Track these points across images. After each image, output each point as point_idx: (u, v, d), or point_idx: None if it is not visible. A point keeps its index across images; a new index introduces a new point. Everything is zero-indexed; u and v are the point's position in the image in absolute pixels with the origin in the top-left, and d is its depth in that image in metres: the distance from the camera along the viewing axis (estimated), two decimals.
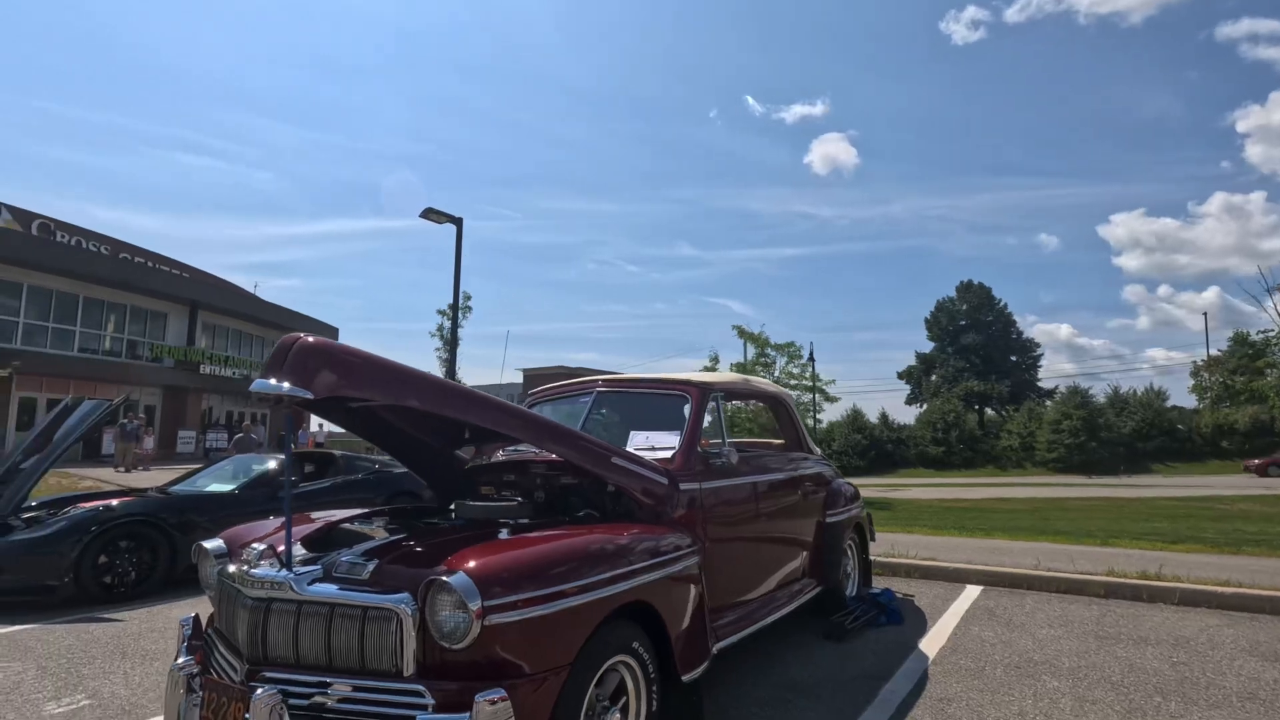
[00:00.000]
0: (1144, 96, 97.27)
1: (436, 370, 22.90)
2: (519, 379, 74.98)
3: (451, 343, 15.15)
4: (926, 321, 59.58)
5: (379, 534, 2.80)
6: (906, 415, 54.07)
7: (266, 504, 7.08)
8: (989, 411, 53.60)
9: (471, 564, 2.21)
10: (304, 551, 2.60)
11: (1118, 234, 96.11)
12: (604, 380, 4.34)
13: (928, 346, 59.38)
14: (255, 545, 2.67)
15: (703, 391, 3.95)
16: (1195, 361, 49.16)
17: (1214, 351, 47.40)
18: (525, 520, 3.11)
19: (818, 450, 5.30)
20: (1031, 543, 9.23)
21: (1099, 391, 49.74)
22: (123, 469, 18.14)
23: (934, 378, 57.11)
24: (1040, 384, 56.39)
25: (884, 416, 50.37)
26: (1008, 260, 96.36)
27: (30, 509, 6.34)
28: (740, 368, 20.28)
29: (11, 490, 6.02)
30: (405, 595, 2.20)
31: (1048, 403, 50.03)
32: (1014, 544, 8.39)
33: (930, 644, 4.51)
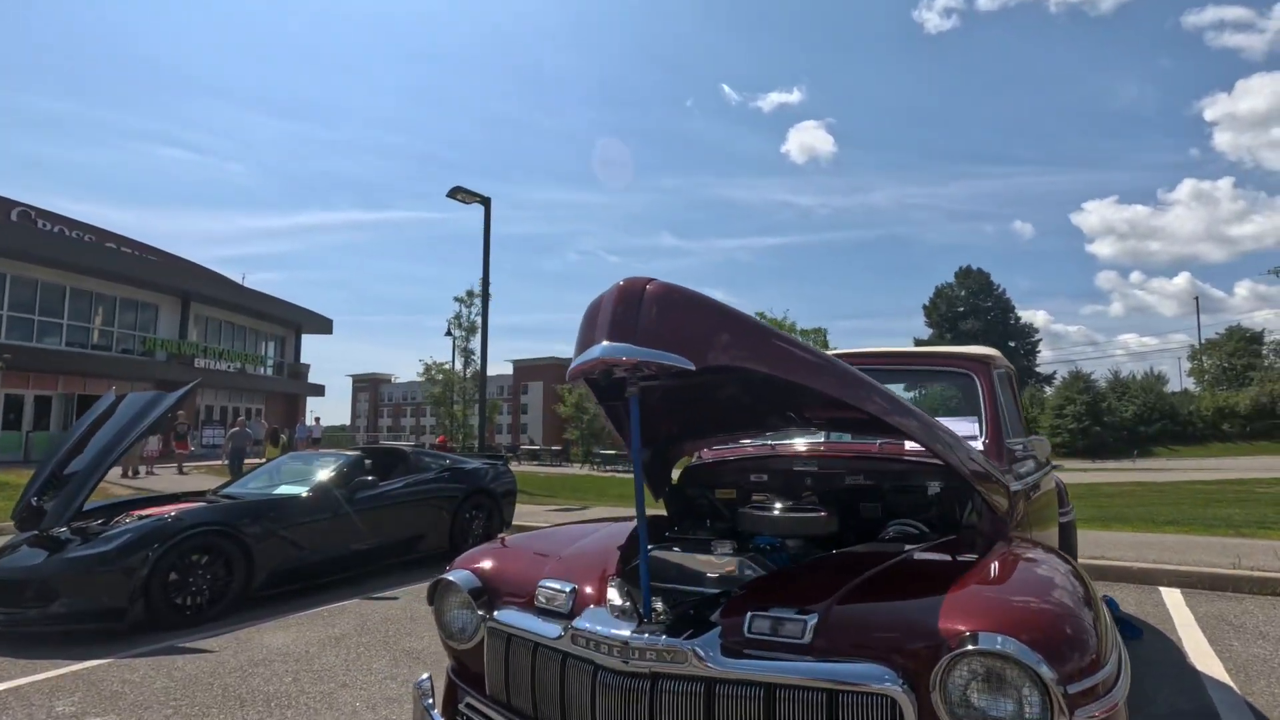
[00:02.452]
0: (1115, 85, 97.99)
1: (457, 361, 21.97)
2: (509, 370, 74.00)
3: (483, 328, 14.27)
4: (925, 308, 59.48)
5: (725, 566, 2.01)
6: None
7: (342, 508, 6.25)
8: None
9: (1018, 622, 1.43)
10: (620, 592, 1.80)
11: (1090, 221, 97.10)
12: (844, 356, 3.56)
13: (925, 333, 59.22)
14: (553, 585, 1.89)
15: (988, 366, 3.21)
16: (1193, 346, 49.48)
17: (1183, 336, 47.68)
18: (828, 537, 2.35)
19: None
20: (1142, 534, 8.63)
21: (1098, 377, 49.75)
22: (131, 474, 16.95)
23: None
24: (1039, 369, 56.52)
25: None
26: (986, 248, 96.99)
27: (75, 520, 5.43)
28: None
29: (62, 501, 5.11)
30: (882, 669, 1.43)
31: (1047, 388, 50.10)
32: (1126, 536, 7.78)
33: (1205, 666, 3.82)
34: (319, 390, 38.58)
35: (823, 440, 3.17)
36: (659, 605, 1.68)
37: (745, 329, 1.75)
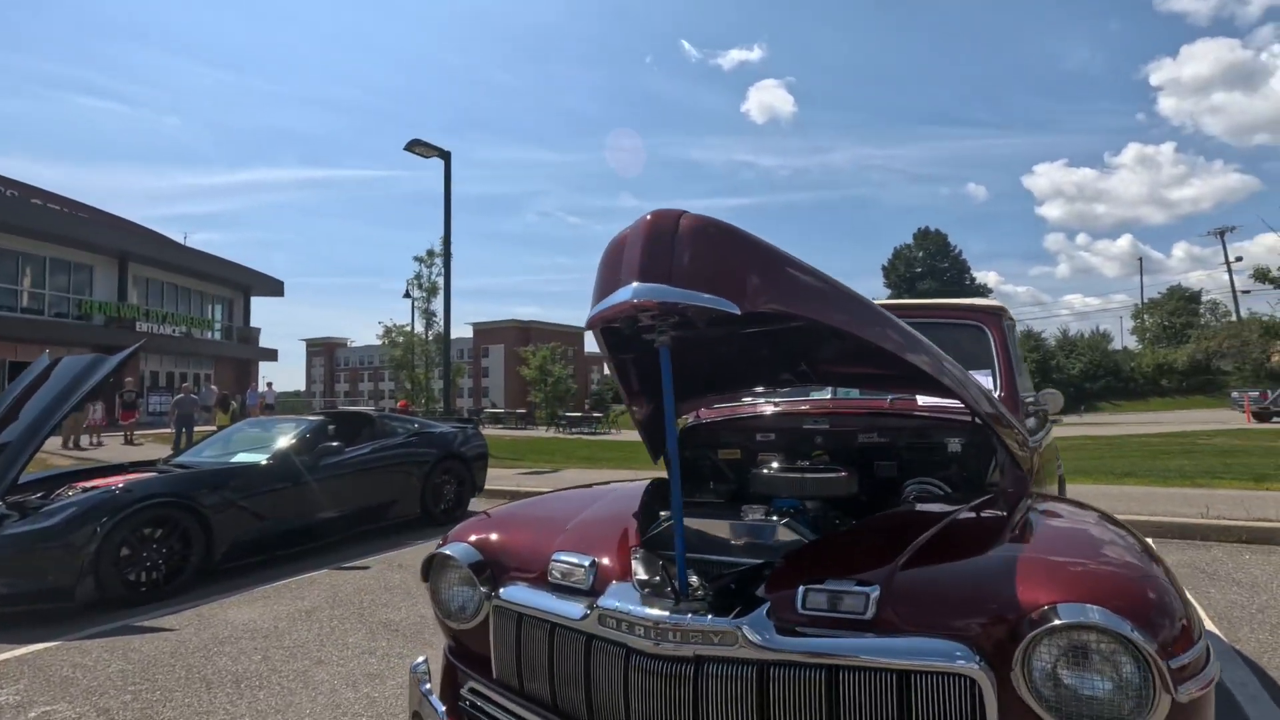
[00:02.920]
0: (1067, 46, 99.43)
1: (418, 324, 21.29)
2: (469, 333, 72.73)
3: (446, 288, 13.76)
4: (884, 269, 60.33)
5: (760, 534, 1.84)
6: None
7: (306, 476, 5.93)
8: None
9: (1108, 591, 1.30)
10: (647, 566, 1.61)
11: (1041, 184, 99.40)
12: None
13: (884, 294, 60.13)
14: (569, 559, 1.69)
15: (999, 318, 3.08)
16: (1136, 305, 51.39)
17: (1124, 296, 49.58)
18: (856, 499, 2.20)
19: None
20: (1104, 485, 8.89)
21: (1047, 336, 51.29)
22: (72, 444, 16.04)
23: None
24: None
25: None
26: (942, 209, 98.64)
27: (10, 494, 5.00)
28: None
29: None
30: (959, 646, 1.28)
31: None
32: (1090, 488, 8.00)
33: None
34: (271, 355, 37.27)
35: (829, 397, 3.02)
36: (694, 580, 1.50)
37: (789, 267, 1.55)
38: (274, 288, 36.49)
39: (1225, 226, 47.82)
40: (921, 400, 2.82)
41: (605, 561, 1.65)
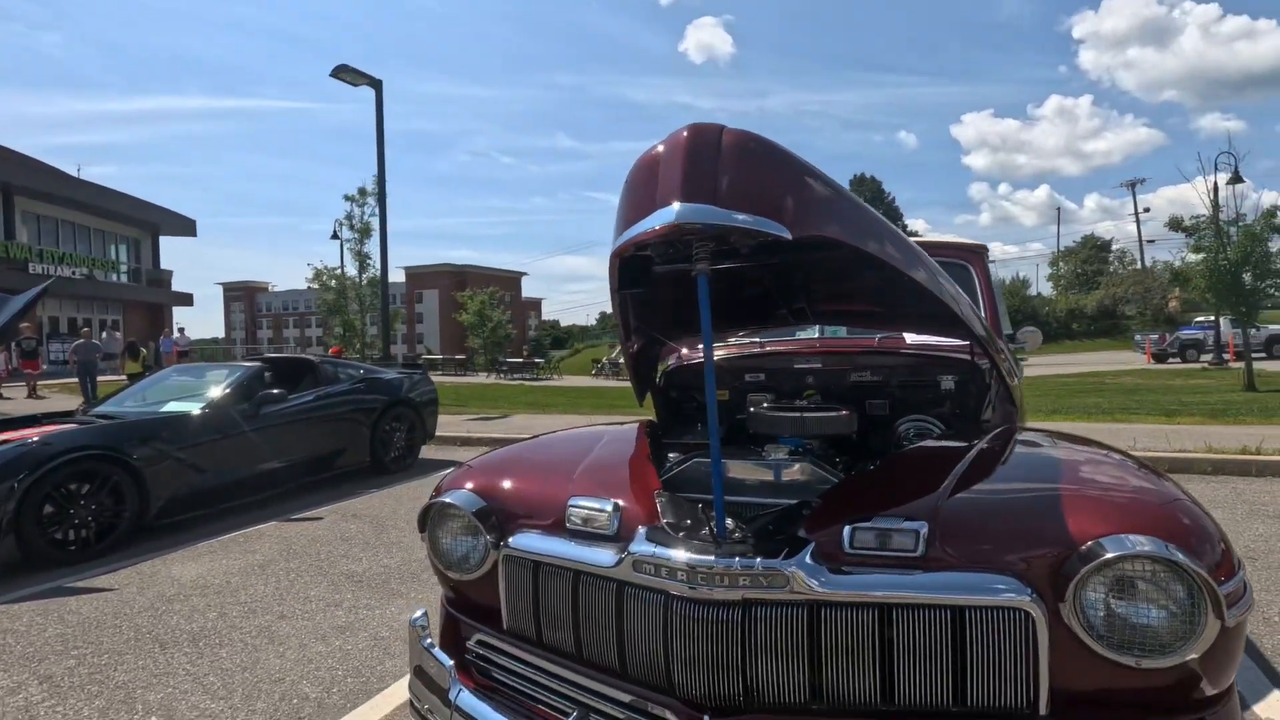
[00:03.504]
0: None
1: (350, 266, 20.16)
2: (401, 277, 70.14)
3: (382, 228, 13.03)
4: None
5: (789, 473, 1.77)
6: None
7: (246, 425, 5.60)
8: None
9: (1154, 521, 1.29)
10: (675, 509, 1.54)
11: (968, 134, 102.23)
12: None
13: None
14: (588, 503, 1.60)
15: (983, 257, 3.10)
16: (1054, 253, 54.14)
17: (1040, 245, 52.32)
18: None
19: None
20: (1035, 423, 9.41)
21: None
22: None
23: None
24: None
25: None
26: (874, 157, 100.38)
27: None
28: None
29: None
30: (1012, 581, 1.26)
31: None
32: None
33: None
34: (186, 299, 34.97)
35: (817, 336, 2.99)
36: (729, 522, 1.43)
37: (832, 190, 1.45)
38: (185, 227, 33.96)
39: (1136, 179, 50.41)
40: (910, 339, 2.83)
41: (627, 505, 1.57)
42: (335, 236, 22.07)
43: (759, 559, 1.30)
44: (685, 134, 1.34)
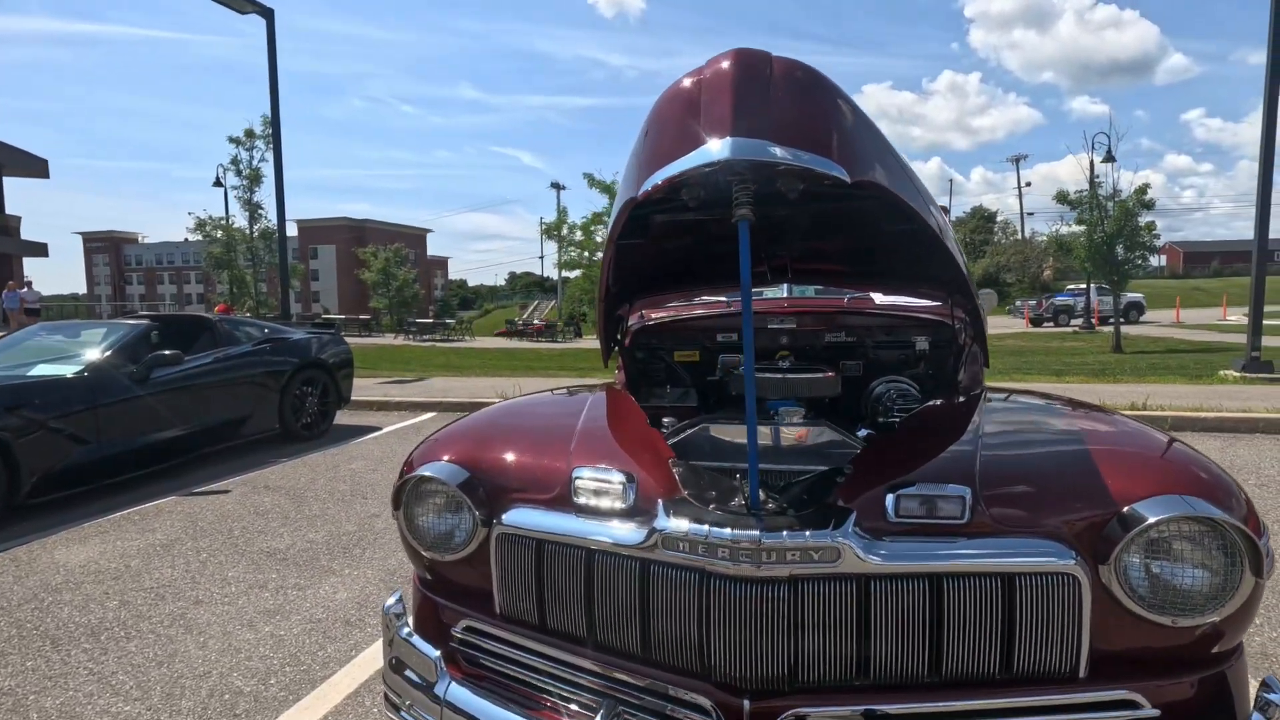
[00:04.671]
0: None
1: (240, 217, 18.39)
2: (293, 231, 65.39)
3: (277, 174, 11.90)
4: None
5: (811, 438, 1.67)
6: None
7: (135, 390, 5.00)
8: None
9: (1192, 481, 1.29)
10: (695, 479, 1.42)
11: (868, 105, 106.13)
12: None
13: None
14: (595, 474, 1.45)
15: (946, 214, 3.10)
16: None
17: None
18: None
19: None
20: None
21: None
22: None
23: None
24: None
25: None
26: None
27: None
28: (596, 219, 19.17)
29: None
30: (1059, 546, 1.23)
31: None
32: None
33: None
34: (39, 249, 31.07)
35: (785, 296, 2.92)
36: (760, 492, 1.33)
37: (877, 135, 1.33)
38: (35, 168, 29.96)
39: (1020, 155, 53.96)
40: (878, 299, 2.81)
41: (641, 476, 1.43)
42: (219, 183, 20.13)
43: (808, 531, 1.20)
44: (730, 61, 1.18)
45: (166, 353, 5.23)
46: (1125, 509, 1.25)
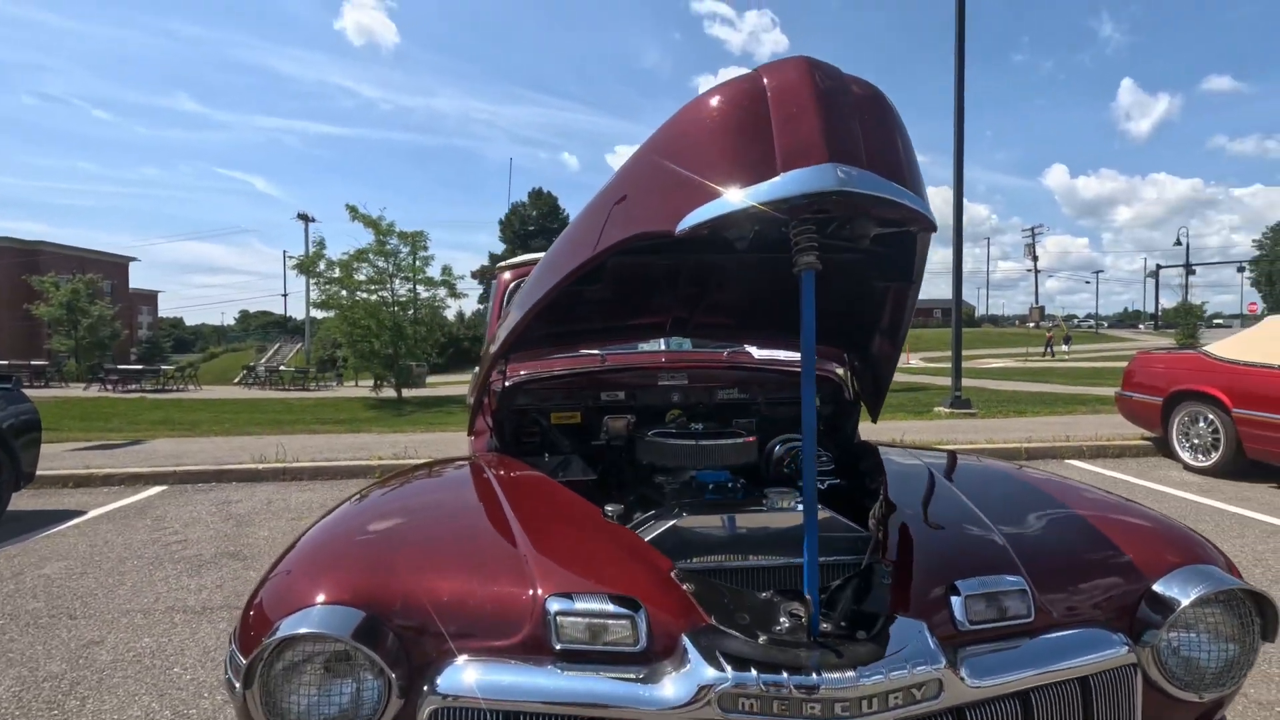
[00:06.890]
0: (644, 46, 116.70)
1: None
2: None
3: None
4: (501, 224, 62.35)
5: (797, 526, 1.39)
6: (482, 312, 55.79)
7: None
8: None
9: (1196, 548, 1.28)
10: (716, 599, 1.10)
11: (619, 163, 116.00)
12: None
13: (500, 248, 61.97)
14: (584, 604, 1.07)
15: None
16: None
17: None
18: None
19: None
20: None
21: None
22: None
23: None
24: None
25: (460, 315, 50.86)
26: (541, 172, 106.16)
27: None
28: (359, 255, 17.61)
29: None
30: (1112, 634, 1.14)
31: None
32: None
33: None
34: None
35: (662, 350, 2.71)
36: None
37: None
38: None
39: None
40: (755, 353, 2.72)
41: (645, 601, 1.06)
42: None
43: (912, 666, 0.94)
44: (803, 71, 0.94)
45: None
46: (1155, 585, 1.21)
